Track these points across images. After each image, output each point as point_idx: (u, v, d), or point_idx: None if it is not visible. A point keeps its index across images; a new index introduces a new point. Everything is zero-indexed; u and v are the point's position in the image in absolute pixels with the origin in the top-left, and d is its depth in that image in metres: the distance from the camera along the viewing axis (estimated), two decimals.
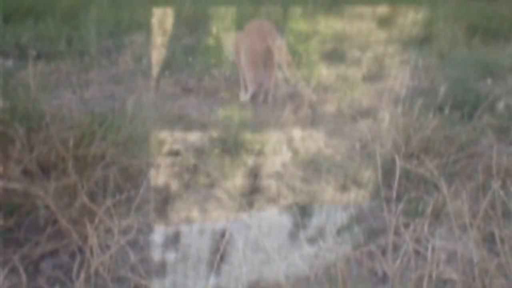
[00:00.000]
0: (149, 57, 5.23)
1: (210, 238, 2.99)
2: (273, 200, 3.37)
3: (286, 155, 3.85)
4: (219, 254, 2.64)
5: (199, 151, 3.82)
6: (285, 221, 3.18)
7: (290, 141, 4.01)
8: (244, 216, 3.16)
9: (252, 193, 3.42)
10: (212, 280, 2.65)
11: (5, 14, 5.79)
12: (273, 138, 4.04)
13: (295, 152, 3.88)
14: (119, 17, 6.18)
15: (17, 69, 4.70)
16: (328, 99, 4.75)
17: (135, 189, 3.05)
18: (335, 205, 3.35)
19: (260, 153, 3.85)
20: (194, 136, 4.01)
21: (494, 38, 6.68)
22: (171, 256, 2.86)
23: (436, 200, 2.94)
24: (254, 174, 3.60)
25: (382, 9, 7.61)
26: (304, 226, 3.08)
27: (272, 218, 3.23)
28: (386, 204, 2.70)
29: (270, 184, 3.52)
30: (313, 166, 3.73)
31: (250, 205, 3.28)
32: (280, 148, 3.92)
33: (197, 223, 3.12)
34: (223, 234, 2.87)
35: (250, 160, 3.73)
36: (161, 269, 2.76)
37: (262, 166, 3.71)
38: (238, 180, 3.52)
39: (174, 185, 3.43)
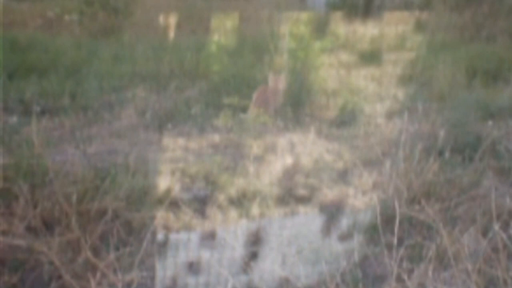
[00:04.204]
0: (151, 110, 5.27)
1: None
2: None
3: None
4: None
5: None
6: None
7: None
8: None
9: None
10: None
11: (9, 71, 5.86)
12: None
13: None
14: (121, 72, 6.25)
15: (22, 125, 4.74)
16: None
17: (138, 242, 3.07)
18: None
19: None
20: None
21: (494, 80, 6.71)
22: None
23: (439, 245, 2.93)
24: None
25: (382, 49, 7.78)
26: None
27: None
28: (387, 250, 2.71)
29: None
30: None
31: None
32: None
33: None
34: None
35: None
36: None
37: None
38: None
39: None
